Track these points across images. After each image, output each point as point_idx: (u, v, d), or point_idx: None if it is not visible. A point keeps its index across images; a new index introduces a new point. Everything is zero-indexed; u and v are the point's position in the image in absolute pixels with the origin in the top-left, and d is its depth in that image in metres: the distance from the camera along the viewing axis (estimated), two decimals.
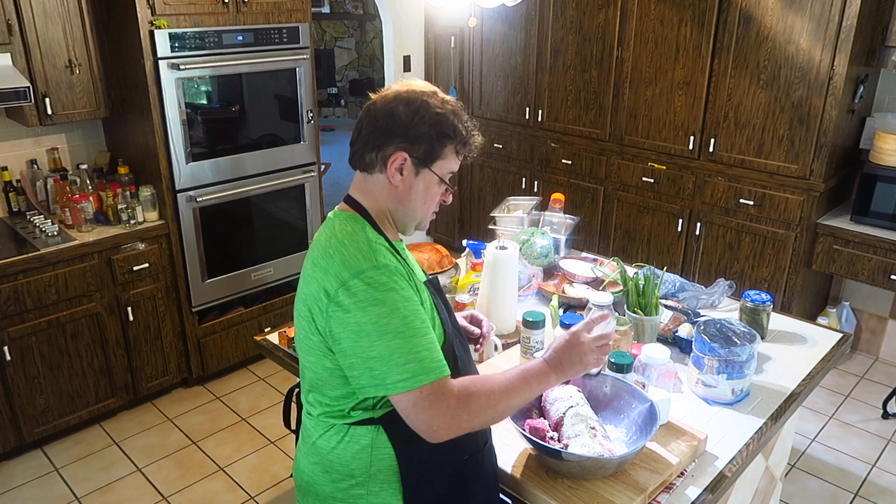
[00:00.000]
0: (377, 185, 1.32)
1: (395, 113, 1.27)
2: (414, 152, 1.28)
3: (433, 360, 1.20)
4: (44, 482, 2.87)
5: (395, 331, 1.18)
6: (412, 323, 1.20)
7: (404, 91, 1.30)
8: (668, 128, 3.71)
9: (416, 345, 1.19)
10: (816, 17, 3.10)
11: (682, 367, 1.89)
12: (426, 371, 1.18)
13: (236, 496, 2.80)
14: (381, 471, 1.30)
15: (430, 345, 1.21)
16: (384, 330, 1.18)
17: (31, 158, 3.23)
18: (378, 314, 1.19)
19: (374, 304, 1.19)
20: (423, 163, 1.29)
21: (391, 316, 1.19)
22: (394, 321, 1.19)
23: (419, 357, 1.18)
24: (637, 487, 1.40)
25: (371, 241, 1.26)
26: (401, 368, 1.18)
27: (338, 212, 1.35)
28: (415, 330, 1.20)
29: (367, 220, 1.31)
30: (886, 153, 3.24)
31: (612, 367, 1.61)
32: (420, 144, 1.28)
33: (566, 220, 2.68)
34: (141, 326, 3.21)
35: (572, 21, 3.97)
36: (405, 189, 1.31)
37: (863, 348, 3.87)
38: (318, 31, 9.34)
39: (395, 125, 1.27)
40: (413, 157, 1.28)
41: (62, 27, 2.91)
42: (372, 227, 1.31)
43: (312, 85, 3.56)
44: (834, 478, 2.89)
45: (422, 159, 1.29)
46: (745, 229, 3.55)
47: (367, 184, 1.33)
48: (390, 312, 1.19)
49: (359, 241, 1.25)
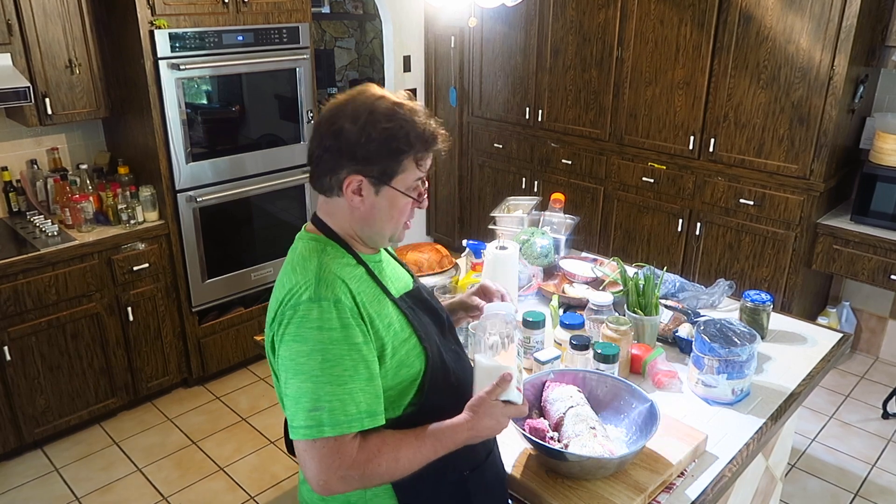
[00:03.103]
0: (339, 207, 1.24)
1: (341, 133, 1.18)
2: (369, 173, 1.19)
3: (343, 413, 1.11)
4: (44, 482, 2.87)
5: (308, 373, 1.12)
6: (331, 369, 1.11)
7: (349, 104, 1.20)
8: (668, 128, 3.71)
9: (327, 393, 1.11)
10: (816, 17, 3.10)
11: (682, 367, 1.89)
12: (331, 424, 1.11)
13: (236, 496, 2.80)
14: (377, 494, 1.26)
15: (345, 395, 1.12)
16: (298, 370, 1.13)
17: (31, 158, 3.23)
18: (297, 351, 1.13)
19: (296, 341, 1.13)
20: (381, 181, 1.20)
21: (309, 356, 1.12)
22: (310, 363, 1.12)
23: (328, 407, 1.11)
24: (637, 487, 1.40)
25: (323, 268, 1.18)
26: (305, 414, 1.11)
27: (303, 233, 1.29)
28: (331, 376, 1.11)
29: (334, 240, 1.25)
30: (886, 153, 3.24)
31: (597, 357, 1.65)
32: (373, 164, 1.18)
33: (566, 220, 2.68)
34: (141, 326, 3.21)
35: (572, 21, 3.97)
36: (367, 210, 1.22)
37: (863, 348, 3.87)
38: (318, 31, 9.33)
39: (342, 147, 1.18)
40: (369, 178, 1.19)
41: (62, 27, 2.91)
42: (337, 247, 1.24)
43: (312, 85, 3.56)
44: (834, 478, 2.89)
45: (379, 178, 1.20)
46: (745, 229, 3.55)
47: (329, 206, 1.26)
48: (309, 352, 1.12)
49: (308, 269, 1.18)
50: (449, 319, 1.43)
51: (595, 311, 1.90)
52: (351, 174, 1.19)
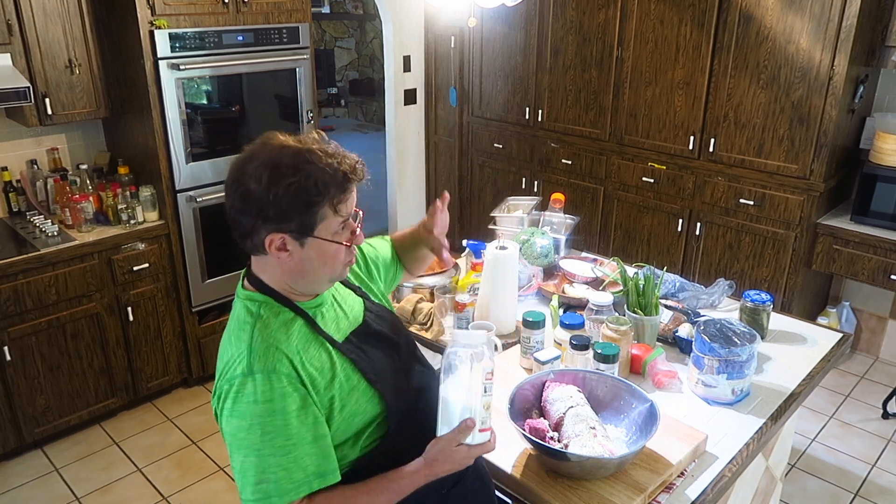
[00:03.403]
0: (268, 264, 1.21)
1: (248, 195, 1.12)
2: (287, 229, 1.14)
3: (290, 481, 1.11)
4: (44, 482, 2.87)
5: (250, 447, 1.11)
6: (272, 441, 1.11)
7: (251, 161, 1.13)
8: (668, 128, 3.71)
9: (271, 465, 1.11)
10: (816, 17, 3.10)
11: (682, 367, 1.89)
12: (278, 493, 1.11)
13: (236, 496, 2.79)
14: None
15: (290, 464, 1.11)
16: (240, 444, 1.13)
17: (31, 158, 3.23)
18: (236, 427, 1.12)
19: (234, 416, 1.12)
20: (302, 234, 1.15)
21: (248, 431, 1.11)
22: (250, 437, 1.11)
23: (274, 478, 1.11)
24: (637, 487, 1.40)
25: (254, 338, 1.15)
26: (252, 487, 1.12)
27: (240, 291, 1.25)
28: (273, 448, 1.11)
29: (270, 295, 1.21)
30: (886, 153, 3.24)
31: (597, 357, 1.65)
32: (289, 220, 1.13)
33: (566, 220, 2.68)
34: (141, 326, 3.21)
35: (572, 21, 3.97)
36: (297, 263, 1.18)
37: (863, 348, 3.87)
38: (318, 31, 9.34)
39: (251, 208, 1.13)
40: (289, 234, 1.14)
41: (62, 27, 2.91)
42: (273, 304, 1.20)
43: (312, 85, 3.56)
44: (834, 478, 2.89)
45: (300, 232, 1.15)
46: (745, 229, 3.55)
47: (260, 263, 1.23)
48: (248, 427, 1.11)
49: (241, 339, 1.16)
50: (407, 341, 1.38)
51: (595, 311, 1.90)
52: (270, 233, 1.14)
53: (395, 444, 1.25)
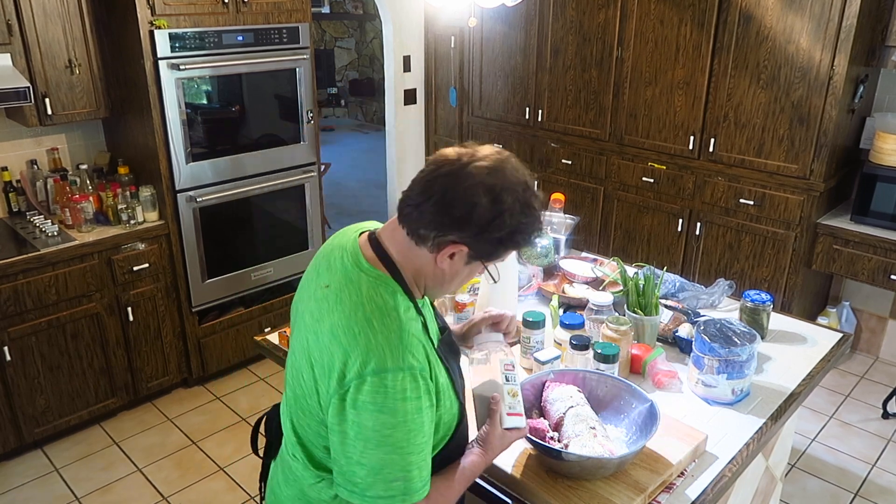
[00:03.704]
0: (420, 257, 1.16)
1: (475, 207, 1.09)
2: (475, 249, 1.13)
3: (420, 480, 1.11)
4: (44, 482, 2.87)
5: (395, 444, 1.08)
6: (415, 438, 1.09)
7: (490, 176, 1.10)
8: (667, 128, 3.72)
9: (410, 463, 1.09)
10: (816, 17, 3.10)
11: (682, 367, 1.89)
12: (409, 492, 1.10)
13: (236, 496, 2.80)
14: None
15: (422, 462, 1.11)
16: (384, 441, 1.08)
17: (31, 158, 3.23)
18: (384, 423, 1.07)
19: (384, 412, 1.07)
20: (479, 258, 1.16)
21: (396, 428, 1.07)
22: (397, 434, 1.08)
23: (409, 476, 1.09)
24: (637, 487, 1.40)
25: (403, 326, 1.10)
26: (386, 484, 1.09)
27: (363, 263, 1.16)
28: (415, 446, 1.09)
29: (399, 283, 1.16)
30: (886, 153, 3.24)
31: (597, 357, 1.67)
32: (487, 245, 1.13)
33: (566, 220, 2.67)
34: (141, 326, 3.21)
35: (572, 21, 3.97)
36: (449, 273, 1.18)
37: (863, 348, 3.87)
38: (318, 31, 9.34)
39: (470, 221, 1.09)
40: (471, 252, 1.14)
41: (62, 27, 2.91)
42: (404, 295, 1.15)
43: (312, 85, 3.56)
44: (834, 478, 2.89)
45: (480, 257, 1.16)
46: (745, 229, 3.55)
47: (409, 249, 1.16)
48: (396, 424, 1.07)
49: (389, 327, 1.10)
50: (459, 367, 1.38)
51: (595, 311, 1.90)
52: (459, 244, 1.12)
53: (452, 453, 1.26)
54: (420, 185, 1.13)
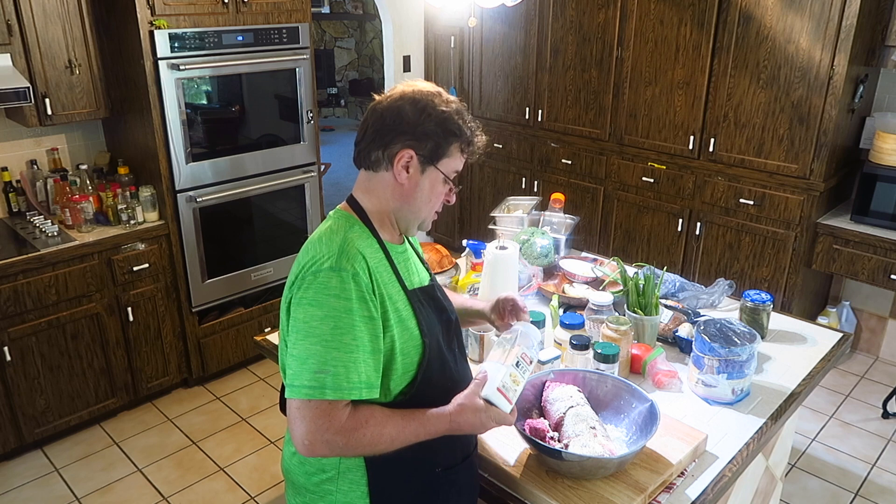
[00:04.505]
0: (381, 183, 1.32)
1: (401, 111, 1.28)
2: (420, 150, 1.29)
3: (346, 380, 1.17)
4: (44, 482, 2.87)
5: (319, 336, 1.17)
6: (341, 336, 1.17)
7: (409, 91, 1.31)
8: (667, 128, 3.72)
9: (334, 357, 1.16)
10: (816, 17, 3.10)
11: (683, 367, 1.89)
12: (333, 387, 1.16)
13: (236, 496, 2.80)
14: (349, 468, 1.29)
15: (350, 363, 1.17)
16: (310, 332, 1.18)
17: (31, 159, 3.23)
18: (311, 315, 1.18)
19: (312, 305, 1.19)
20: (429, 160, 1.30)
21: (322, 321, 1.17)
22: (322, 327, 1.17)
23: (333, 371, 1.16)
24: (637, 487, 1.40)
25: (347, 242, 1.24)
26: (310, 375, 1.16)
27: (337, 210, 1.36)
28: (340, 343, 1.17)
29: (362, 221, 1.32)
30: (886, 153, 3.24)
31: (597, 357, 1.67)
32: (427, 142, 1.28)
33: (566, 220, 2.68)
34: (141, 327, 3.21)
35: (572, 21, 3.97)
36: (411, 187, 1.31)
37: (863, 348, 3.87)
38: (318, 31, 9.34)
39: (401, 123, 1.28)
40: (419, 155, 1.29)
41: (62, 27, 2.91)
42: (364, 227, 1.31)
43: (312, 85, 3.56)
44: (834, 477, 2.89)
45: (428, 157, 1.30)
46: (745, 229, 3.55)
47: (371, 183, 1.33)
48: (323, 317, 1.17)
49: (333, 240, 1.24)
50: (457, 323, 1.46)
51: (595, 311, 1.90)
52: (404, 148, 1.28)
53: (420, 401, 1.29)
54: (359, 129, 1.34)
